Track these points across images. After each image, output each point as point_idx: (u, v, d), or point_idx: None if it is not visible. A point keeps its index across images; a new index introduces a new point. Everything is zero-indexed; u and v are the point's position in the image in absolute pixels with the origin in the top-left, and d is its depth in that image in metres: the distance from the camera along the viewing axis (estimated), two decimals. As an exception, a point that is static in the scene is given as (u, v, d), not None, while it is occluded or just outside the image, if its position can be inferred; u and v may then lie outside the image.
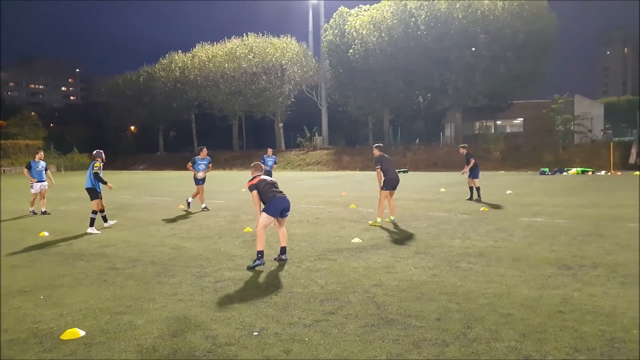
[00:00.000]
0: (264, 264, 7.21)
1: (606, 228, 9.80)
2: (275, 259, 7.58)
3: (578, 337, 4.36)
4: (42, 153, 15.85)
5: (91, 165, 11.34)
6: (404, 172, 33.37)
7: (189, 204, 14.70)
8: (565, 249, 7.94)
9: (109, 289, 6.31)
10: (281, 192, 7.49)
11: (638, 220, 10.61)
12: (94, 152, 11.71)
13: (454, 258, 7.51)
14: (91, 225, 10.97)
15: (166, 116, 62.89)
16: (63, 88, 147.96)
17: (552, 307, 5.14)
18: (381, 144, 11.85)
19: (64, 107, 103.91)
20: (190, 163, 14.58)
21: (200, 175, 14.47)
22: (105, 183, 11.33)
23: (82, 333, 4.74)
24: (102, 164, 11.55)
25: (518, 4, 37.39)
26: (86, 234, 10.68)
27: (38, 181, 14.83)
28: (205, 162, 14.68)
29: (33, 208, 14.75)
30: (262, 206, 7.38)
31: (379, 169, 11.11)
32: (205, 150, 14.90)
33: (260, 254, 7.21)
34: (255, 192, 7.40)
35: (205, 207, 14.40)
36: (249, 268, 7.14)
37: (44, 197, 14.89)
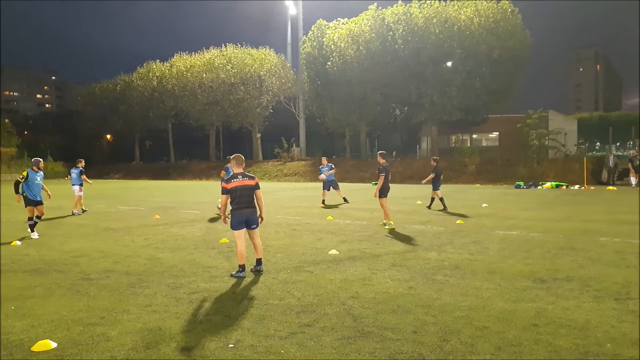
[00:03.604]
0: (244, 276, 7.27)
1: (579, 242, 9.97)
2: (251, 270, 7.55)
3: (552, 351, 4.41)
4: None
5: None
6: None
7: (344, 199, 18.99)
8: (539, 263, 8.05)
9: (82, 299, 6.19)
10: (245, 206, 7.34)
11: (607, 235, 10.83)
12: (32, 160, 12.01)
13: (430, 270, 7.55)
14: (31, 230, 11.51)
15: (142, 125, 62.07)
16: (38, 96, 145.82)
17: (527, 321, 5.20)
18: (384, 152, 13.19)
19: (38, 115, 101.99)
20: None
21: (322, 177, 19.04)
22: (18, 193, 11.53)
23: (53, 345, 4.63)
24: (38, 172, 11.78)
25: (493, 20, 38.14)
26: (33, 241, 10.49)
27: None
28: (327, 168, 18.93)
29: None
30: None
31: (383, 177, 12.28)
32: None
33: (241, 267, 7.34)
34: (226, 196, 7.38)
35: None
36: (232, 275, 7.33)
37: None
